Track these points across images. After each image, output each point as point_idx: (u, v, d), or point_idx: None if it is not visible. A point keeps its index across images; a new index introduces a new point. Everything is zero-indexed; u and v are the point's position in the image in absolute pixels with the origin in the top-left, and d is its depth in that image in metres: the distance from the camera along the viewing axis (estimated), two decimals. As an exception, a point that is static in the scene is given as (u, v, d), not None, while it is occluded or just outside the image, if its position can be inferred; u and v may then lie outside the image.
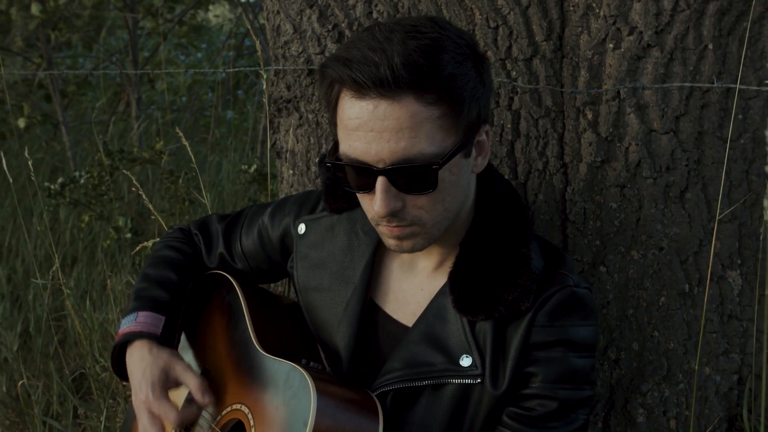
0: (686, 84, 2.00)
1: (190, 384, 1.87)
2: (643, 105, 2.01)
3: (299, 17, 2.24)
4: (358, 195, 1.71)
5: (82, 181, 3.72)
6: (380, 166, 1.61)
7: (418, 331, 1.77)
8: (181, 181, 2.94)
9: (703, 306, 2.01)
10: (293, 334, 1.96)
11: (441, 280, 1.78)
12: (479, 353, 1.71)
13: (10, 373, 3.04)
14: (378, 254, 1.87)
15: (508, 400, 1.71)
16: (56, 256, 3.75)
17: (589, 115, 2.04)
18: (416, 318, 1.78)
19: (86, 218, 3.90)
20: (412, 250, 1.72)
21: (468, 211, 1.77)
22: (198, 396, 1.86)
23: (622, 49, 2.01)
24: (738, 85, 1.97)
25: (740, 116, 2.04)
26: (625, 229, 2.03)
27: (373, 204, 1.64)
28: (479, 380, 1.70)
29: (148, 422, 1.88)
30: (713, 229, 2.00)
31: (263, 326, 1.95)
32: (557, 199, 2.07)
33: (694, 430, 2.01)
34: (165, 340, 1.95)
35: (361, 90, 1.59)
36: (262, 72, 2.52)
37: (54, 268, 2.80)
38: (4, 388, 2.92)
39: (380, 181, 1.62)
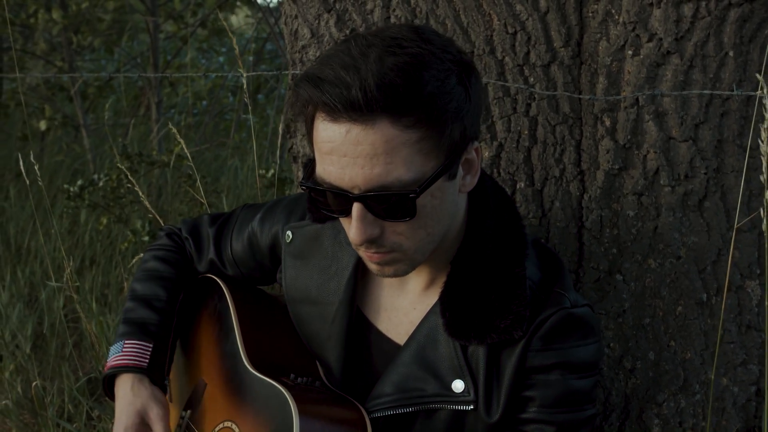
0: (706, 91, 1.98)
1: None
2: (662, 112, 1.99)
3: (317, 21, 2.24)
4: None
5: (100, 184, 3.73)
6: (355, 192, 1.51)
7: (410, 353, 1.71)
8: (198, 184, 2.94)
9: (720, 316, 1.99)
10: (286, 343, 1.91)
11: (433, 297, 1.72)
12: (472, 378, 1.65)
13: (25, 375, 3.05)
14: (364, 266, 1.77)
15: (504, 425, 1.66)
16: (73, 258, 3.76)
17: (607, 122, 2.02)
18: (408, 337, 1.73)
19: (104, 221, 3.91)
20: (395, 275, 1.64)
21: (458, 228, 1.69)
22: None
23: (641, 56, 1.99)
24: (759, 93, 1.95)
25: (760, 124, 2.01)
26: (642, 238, 2.01)
27: (349, 231, 1.57)
28: (472, 407, 1.65)
29: None
30: (732, 238, 1.97)
31: (254, 336, 1.90)
32: (574, 207, 2.06)
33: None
34: (153, 366, 1.92)
35: (333, 113, 1.48)
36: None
37: (68, 271, 2.80)
38: (19, 390, 2.93)
39: (356, 208, 1.53)
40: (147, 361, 1.91)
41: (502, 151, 2.08)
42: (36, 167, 2.67)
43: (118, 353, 1.92)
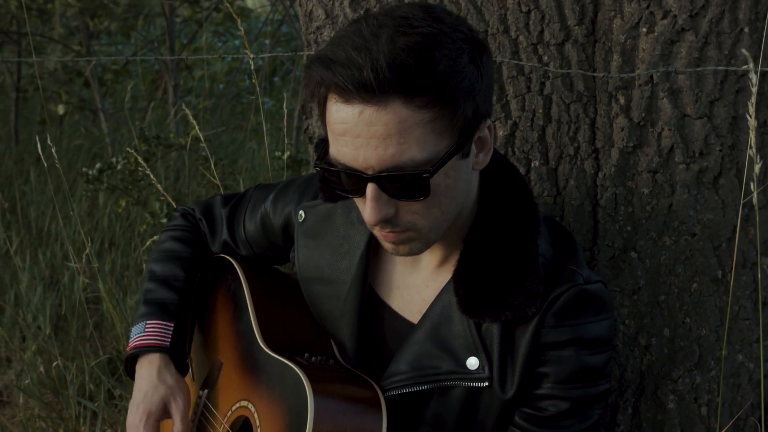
0: (720, 68, 1.97)
1: (176, 429, 1.87)
2: (677, 89, 1.98)
3: (331, 2, 2.24)
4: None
5: (118, 167, 3.76)
6: (369, 172, 1.52)
7: (423, 331, 1.72)
8: (213, 166, 2.96)
9: (735, 292, 1.99)
10: (300, 322, 1.92)
11: (446, 275, 1.72)
12: (486, 355, 1.66)
13: (46, 355, 3.09)
14: (376, 245, 1.79)
15: (518, 401, 1.68)
16: (92, 240, 3.79)
17: (622, 100, 2.02)
18: (422, 315, 1.74)
19: (123, 203, 3.94)
20: (409, 254, 1.65)
21: (471, 205, 1.69)
22: None
23: (656, 33, 1.98)
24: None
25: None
26: (657, 215, 2.01)
27: (363, 211, 1.57)
28: (487, 383, 1.66)
29: None
30: (747, 215, 1.97)
31: (268, 316, 1.92)
32: (588, 185, 2.06)
33: (725, 417, 1.99)
34: (175, 345, 1.94)
35: (345, 95, 1.48)
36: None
37: (86, 252, 2.83)
38: (41, 369, 2.97)
39: (370, 188, 1.53)
40: (169, 340, 1.93)
41: (516, 129, 2.08)
42: (54, 150, 2.68)
43: (140, 333, 1.94)
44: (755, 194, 1.74)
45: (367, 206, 1.55)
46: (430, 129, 1.50)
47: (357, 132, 1.49)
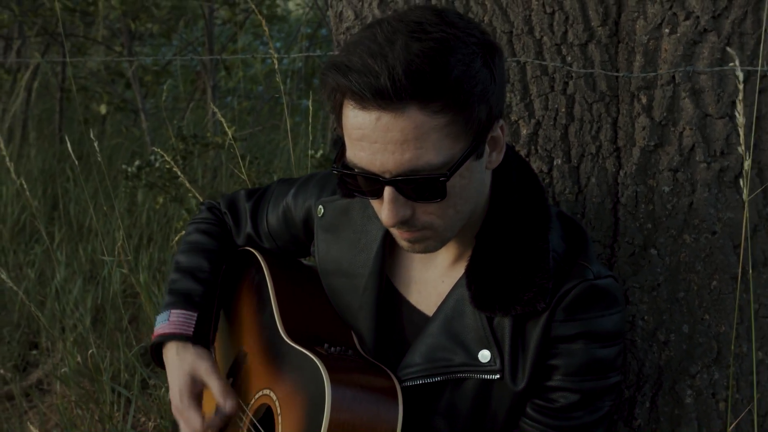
0: (742, 68, 1.97)
1: (213, 388, 1.89)
2: (699, 90, 1.99)
3: (360, 3, 2.28)
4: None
5: (157, 164, 3.82)
6: (386, 176, 1.53)
7: (438, 324, 1.74)
8: (247, 164, 3.01)
9: (755, 290, 1.99)
10: (321, 313, 1.95)
11: (460, 270, 1.74)
12: (498, 348, 1.68)
13: (84, 345, 3.16)
14: (392, 240, 1.80)
15: (530, 393, 1.69)
16: (131, 235, 3.86)
17: (644, 100, 2.03)
18: (436, 308, 1.76)
19: (161, 200, 4.00)
20: (425, 252, 1.67)
21: (484, 203, 1.71)
22: (220, 400, 1.87)
23: (678, 34, 2.00)
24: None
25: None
26: (677, 213, 2.02)
27: (381, 213, 1.59)
28: (498, 376, 1.68)
29: (183, 427, 1.92)
30: None
31: (290, 307, 1.95)
32: (610, 183, 2.07)
33: (743, 413, 1.99)
34: (199, 334, 1.96)
35: (362, 102, 1.49)
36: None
37: (118, 245, 2.88)
38: (79, 359, 3.04)
39: (387, 191, 1.55)
40: (192, 329, 1.97)
41: (539, 128, 2.10)
42: (96, 144, 2.74)
43: (164, 322, 1.98)
44: (746, 191, 1.74)
45: (385, 208, 1.57)
46: (446, 133, 1.52)
47: (374, 138, 1.51)
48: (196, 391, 1.92)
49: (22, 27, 6.00)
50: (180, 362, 1.93)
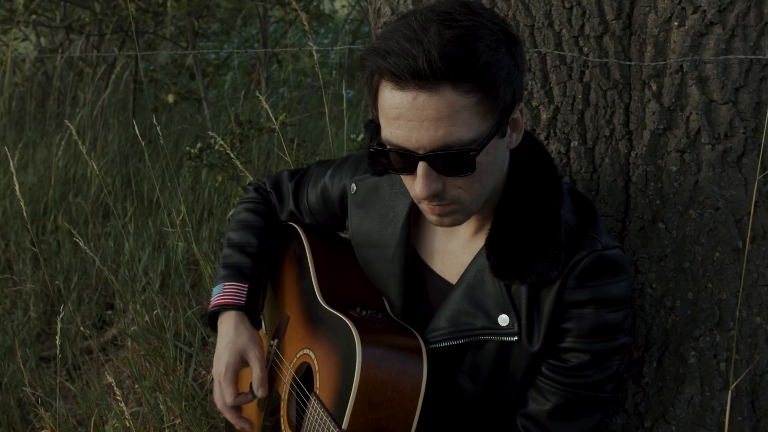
0: (746, 57, 1.90)
1: (254, 374, 1.90)
2: (704, 77, 1.93)
3: (396, 0, 2.23)
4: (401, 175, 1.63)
5: (216, 146, 3.81)
6: (421, 152, 1.51)
7: (461, 291, 1.72)
8: (295, 147, 2.98)
9: (755, 260, 1.93)
10: (355, 281, 1.94)
11: (480, 242, 1.72)
12: (515, 313, 1.65)
13: (151, 307, 3.17)
14: (417, 214, 1.79)
15: (544, 354, 1.67)
16: (192, 210, 3.87)
17: (654, 87, 1.97)
18: (459, 277, 1.74)
19: (220, 179, 4.00)
20: (452, 225, 1.65)
21: (503, 180, 1.68)
22: (255, 386, 1.89)
23: (686, 27, 1.93)
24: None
25: None
26: (683, 191, 1.96)
27: (414, 186, 1.56)
28: (516, 338, 1.65)
29: (217, 390, 1.95)
30: (767, 192, 1.91)
31: (326, 275, 1.94)
32: (622, 163, 2.02)
33: (743, 372, 1.94)
34: (249, 304, 1.98)
35: (400, 82, 1.47)
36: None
37: (180, 218, 2.88)
38: (147, 319, 3.06)
39: (421, 166, 1.53)
40: (244, 299, 1.98)
41: (558, 113, 2.05)
42: (159, 129, 2.73)
43: (219, 293, 1.99)
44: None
45: (418, 182, 1.55)
46: (476, 112, 1.50)
47: (410, 116, 1.49)
48: (239, 369, 1.94)
49: (101, 25, 6.02)
50: (234, 339, 1.94)
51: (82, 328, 2.90)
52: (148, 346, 3.00)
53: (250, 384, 1.93)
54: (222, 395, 1.94)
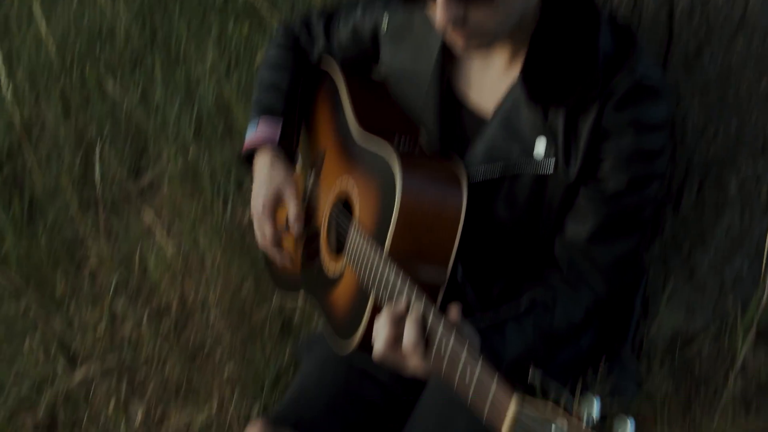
0: None
1: (290, 210, 1.93)
2: None
3: None
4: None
5: (240, -2, 3.72)
6: None
7: (496, 122, 1.69)
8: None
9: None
10: (391, 113, 1.91)
11: (515, 71, 1.68)
12: (552, 141, 1.62)
13: (185, 153, 3.19)
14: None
15: (582, 180, 1.65)
16: (220, 59, 3.82)
17: None
18: (495, 108, 1.71)
19: (246, 29, 3.94)
20: (477, 49, 1.61)
21: (535, 7, 1.62)
22: (292, 221, 1.93)
23: None
24: None
25: None
26: (730, 22, 1.89)
27: (436, 13, 1.53)
28: (553, 166, 1.63)
29: (256, 227, 1.99)
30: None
31: (362, 108, 1.93)
32: (667, -8, 1.94)
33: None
34: (284, 140, 1.98)
35: None
36: None
37: (208, 65, 2.83)
38: (179, 163, 3.08)
39: None
40: (278, 136, 1.98)
41: (603, -60, 1.97)
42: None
43: (253, 132, 1.99)
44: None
45: (438, 7, 1.52)
46: None
47: None
48: (275, 206, 1.97)
49: None
50: (270, 176, 1.95)
51: (118, 174, 2.92)
52: (185, 187, 3.02)
53: (287, 219, 1.95)
54: (262, 232, 1.98)
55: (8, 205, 3.38)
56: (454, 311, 1.49)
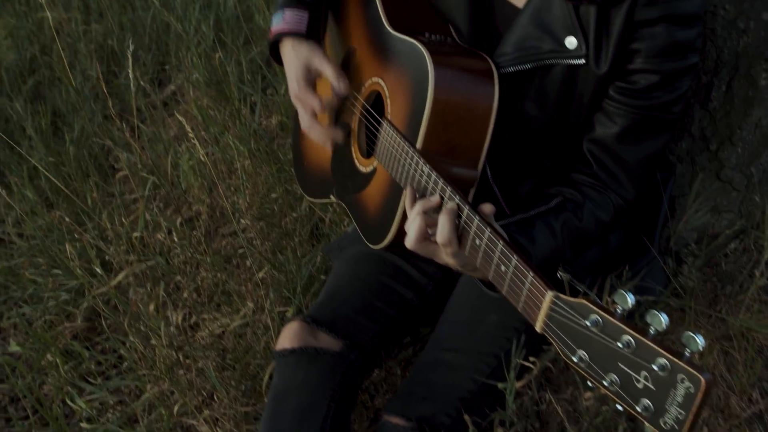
0: None
1: (327, 72, 1.88)
2: None
3: None
4: None
5: None
6: None
7: (527, 14, 1.65)
8: None
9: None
10: (420, 9, 1.88)
11: None
12: (583, 34, 1.59)
13: (208, 58, 3.16)
14: None
15: (613, 76, 1.62)
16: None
17: None
18: (526, 1, 1.67)
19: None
20: None
21: None
22: (334, 82, 1.86)
23: None
24: None
25: None
26: None
27: None
28: (584, 60, 1.60)
29: (302, 112, 1.92)
30: None
31: (392, 5, 1.88)
32: None
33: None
34: (310, 33, 1.92)
35: None
36: None
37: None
38: (203, 69, 3.06)
39: None
40: (305, 26, 1.93)
41: None
42: None
43: (279, 21, 1.95)
44: None
45: None
46: None
47: None
48: (312, 79, 1.92)
49: None
50: (296, 54, 1.92)
51: (142, 83, 2.89)
52: (210, 94, 3.01)
53: (332, 87, 1.92)
54: (305, 110, 1.92)
55: (32, 118, 3.39)
56: (488, 206, 1.51)
